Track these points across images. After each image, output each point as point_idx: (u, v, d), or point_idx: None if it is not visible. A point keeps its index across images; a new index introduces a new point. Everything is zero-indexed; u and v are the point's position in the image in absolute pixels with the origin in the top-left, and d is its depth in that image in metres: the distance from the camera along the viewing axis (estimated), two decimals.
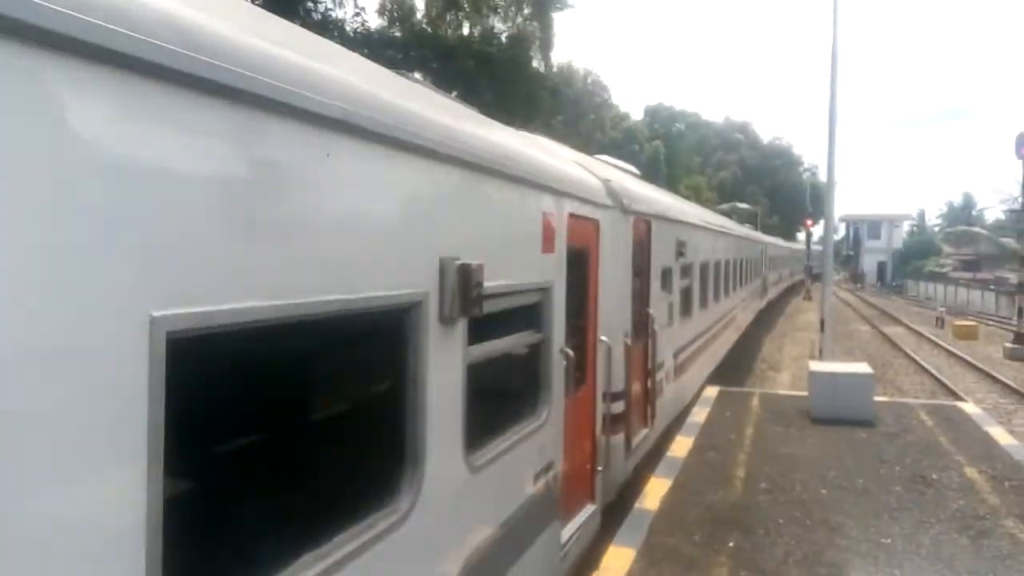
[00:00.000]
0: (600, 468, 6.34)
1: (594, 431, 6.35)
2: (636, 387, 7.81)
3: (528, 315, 4.71)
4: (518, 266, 4.37)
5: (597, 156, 9.31)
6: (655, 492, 7.14)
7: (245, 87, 2.11)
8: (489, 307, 3.70)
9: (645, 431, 8.21)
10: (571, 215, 5.36)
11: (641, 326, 8.08)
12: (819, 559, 5.69)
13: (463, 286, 3.37)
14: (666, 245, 9.46)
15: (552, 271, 4.94)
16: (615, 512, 6.92)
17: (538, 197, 4.74)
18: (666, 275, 9.47)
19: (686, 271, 11.09)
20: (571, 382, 5.27)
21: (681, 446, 8.77)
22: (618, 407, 6.93)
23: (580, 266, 5.86)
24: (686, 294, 11.20)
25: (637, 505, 6.83)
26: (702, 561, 5.67)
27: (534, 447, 4.67)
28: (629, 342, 7.25)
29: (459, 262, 3.38)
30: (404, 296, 3.07)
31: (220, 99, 2.05)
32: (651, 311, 8.38)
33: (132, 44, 1.74)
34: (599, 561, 5.65)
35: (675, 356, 10.27)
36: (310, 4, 24.70)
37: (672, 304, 9.89)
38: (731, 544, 5.98)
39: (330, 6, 26.06)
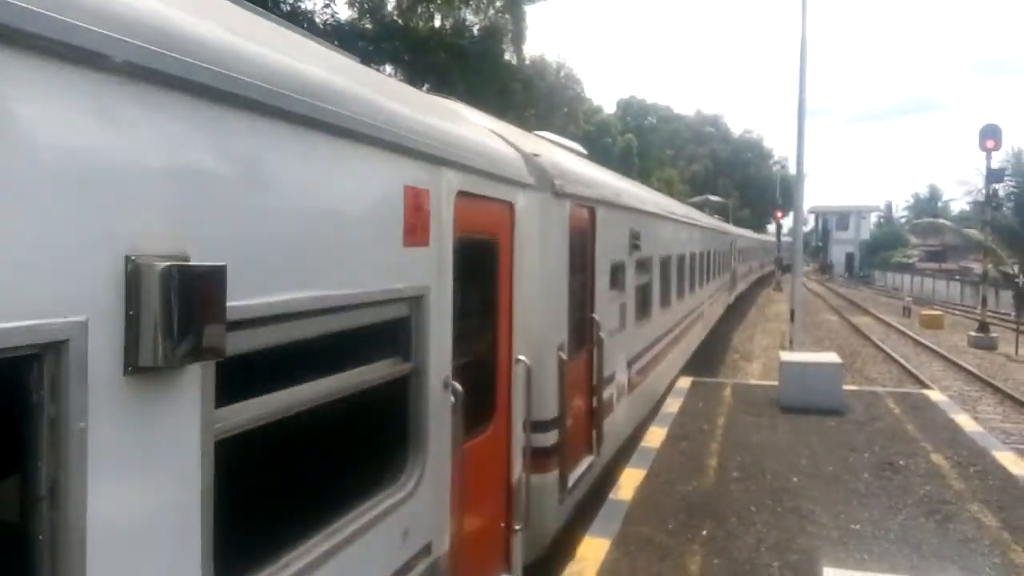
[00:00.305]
0: (518, 527, 4.90)
1: (509, 477, 4.91)
2: (576, 409, 6.70)
3: (381, 339, 3.30)
4: (345, 267, 2.88)
5: (536, 132, 8.15)
6: (629, 483, 7.19)
7: None
8: (270, 336, 2.40)
9: (590, 459, 7.12)
10: (464, 194, 3.95)
11: (583, 334, 6.97)
12: (790, 546, 5.77)
13: (183, 307, 1.90)
14: (617, 236, 8.29)
15: (424, 272, 3.51)
16: (591, 504, 6.95)
17: (392, 164, 3.24)
18: (617, 271, 8.29)
19: (643, 266, 9.91)
20: (460, 424, 3.84)
21: (655, 436, 8.84)
22: (548, 438, 5.80)
23: (483, 264, 4.59)
24: (643, 292, 10.05)
25: (612, 496, 6.87)
26: (676, 550, 5.73)
27: (393, 530, 3.26)
28: (565, 356, 6.11)
29: (174, 264, 1.88)
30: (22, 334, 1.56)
31: None
32: (596, 316, 7.24)
33: None
34: (574, 552, 5.68)
35: (630, 365, 9.11)
36: None
37: (626, 305, 8.74)
38: (704, 532, 6.04)
39: None
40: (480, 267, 4.52)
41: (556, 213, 6.08)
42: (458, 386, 3.80)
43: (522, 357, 4.96)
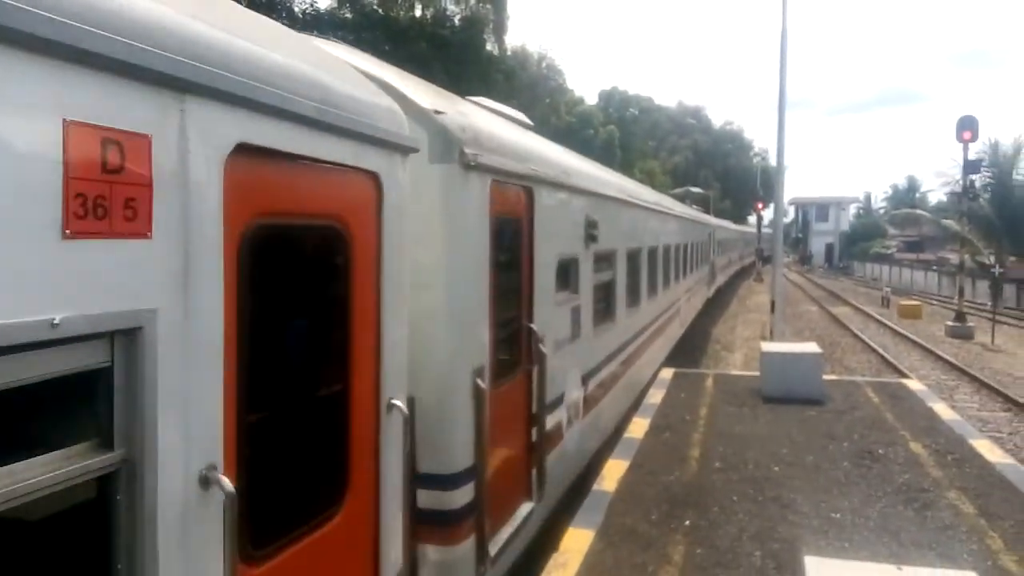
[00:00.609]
0: None
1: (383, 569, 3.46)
2: (506, 449, 5.44)
3: (45, 411, 2.02)
4: None
5: (470, 97, 6.59)
6: (613, 474, 7.21)
7: None
8: None
9: (528, 508, 5.83)
10: (252, 152, 2.50)
11: (516, 351, 5.72)
12: (772, 535, 5.82)
13: None
14: (567, 225, 6.99)
15: (139, 285, 2.07)
16: (575, 494, 6.96)
17: (31, 76, 1.75)
18: (568, 269, 7.07)
19: (604, 261, 8.58)
20: (233, 536, 2.35)
21: (638, 427, 8.87)
22: (455, 498, 4.52)
23: (311, 266, 3.23)
24: (605, 292, 8.78)
25: (595, 487, 6.88)
26: (659, 540, 5.75)
27: None
28: (486, 383, 4.81)
29: None
30: None
31: None
32: (535, 326, 5.91)
33: None
34: (558, 543, 5.69)
35: (586, 380, 7.81)
36: None
37: (580, 309, 7.42)
38: (687, 522, 6.08)
39: None
40: (304, 271, 3.17)
41: (468, 192, 4.65)
42: (228, 484, 2.30)
43: (397, 402, 3.54)
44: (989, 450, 8.03)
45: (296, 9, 26.15)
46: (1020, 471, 7.37)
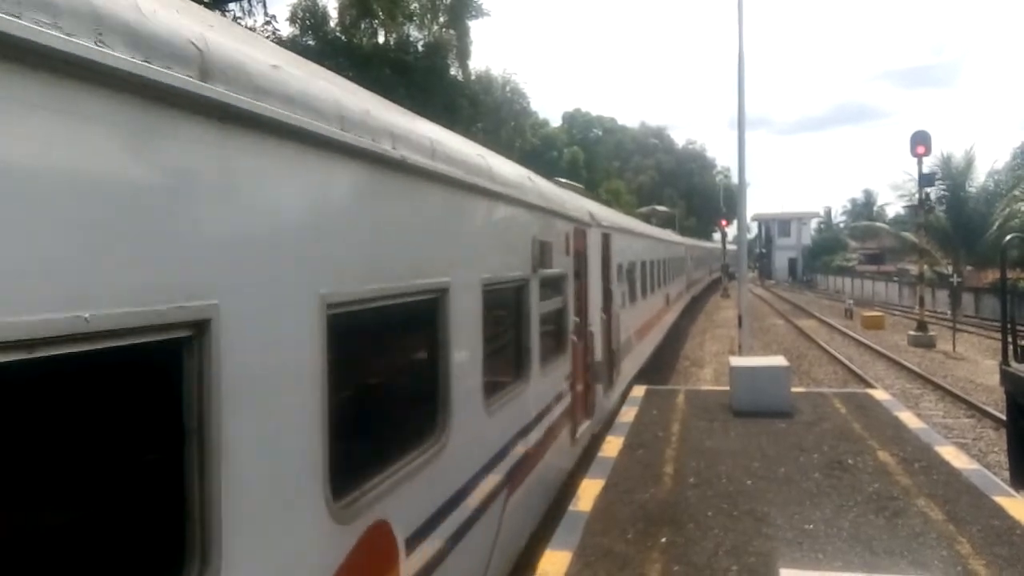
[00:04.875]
0: None
1: None
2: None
3: None
4: None
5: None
6: (588, 494, 7.20)
7: None
8: None
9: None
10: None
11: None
12: (747, 548, 5.84)
13: None
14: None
15: None
16: (550, 515, 6.92)
17: None
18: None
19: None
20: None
21: (612, 446, 8.88)
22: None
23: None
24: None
25: (571, 507, 6.86)
26: (636, 558, 5.74)
27: None
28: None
29: None
30: None
31: None
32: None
33: None
34: (535, 566, 5.65)
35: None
36: (216, 12, 24.00)
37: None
38: (663, 540, 6.08)
39: (239, 14, 25.41)
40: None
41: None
42: None
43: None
44: (955, 456, 8.17)
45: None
46: (985, 476, 7.51)
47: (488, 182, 5.94)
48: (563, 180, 12.34)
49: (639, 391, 12.13)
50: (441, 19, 33.65)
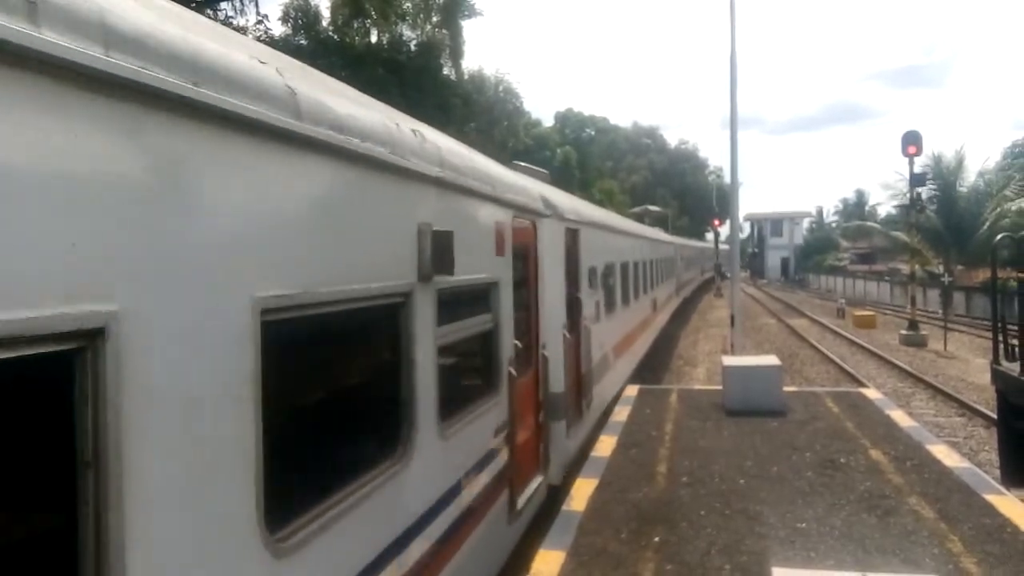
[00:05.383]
0: None
1: None
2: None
3: None
4: None
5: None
6: (582, 493, 7.20)
7: None
8: None
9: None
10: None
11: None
12: (740, 547, 5.86)
13: None
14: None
15: None
16: (544, 515, 6.92)
17: None
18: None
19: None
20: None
21: (605, 445, 8.89)
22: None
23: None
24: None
25: (565, 507, 6.87)
26: (630, 558, 5.75)
27: None
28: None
29: None
30: None
31: None
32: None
33: None
34: (529, 566, 5.65)
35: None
36: (209, 12, 23.93)
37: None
38: (656, 539, 6.09)
39: (231, 13, 25.35)
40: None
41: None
42: None
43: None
44: (946, 455, 8.21)
45: (250, 36, 26.01)
46: (976, 474, 7.56)
47: (281, 119, 3.08)
48: (522, 164, 10.84)
49: (632, 391, 12.15)
50: (434, 19, 33.64)
